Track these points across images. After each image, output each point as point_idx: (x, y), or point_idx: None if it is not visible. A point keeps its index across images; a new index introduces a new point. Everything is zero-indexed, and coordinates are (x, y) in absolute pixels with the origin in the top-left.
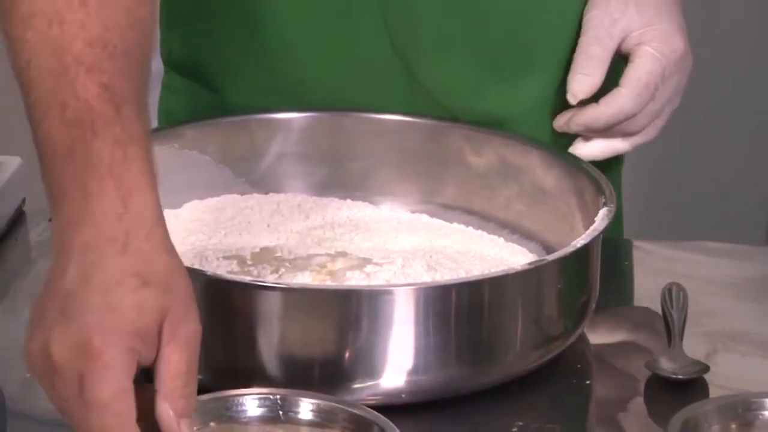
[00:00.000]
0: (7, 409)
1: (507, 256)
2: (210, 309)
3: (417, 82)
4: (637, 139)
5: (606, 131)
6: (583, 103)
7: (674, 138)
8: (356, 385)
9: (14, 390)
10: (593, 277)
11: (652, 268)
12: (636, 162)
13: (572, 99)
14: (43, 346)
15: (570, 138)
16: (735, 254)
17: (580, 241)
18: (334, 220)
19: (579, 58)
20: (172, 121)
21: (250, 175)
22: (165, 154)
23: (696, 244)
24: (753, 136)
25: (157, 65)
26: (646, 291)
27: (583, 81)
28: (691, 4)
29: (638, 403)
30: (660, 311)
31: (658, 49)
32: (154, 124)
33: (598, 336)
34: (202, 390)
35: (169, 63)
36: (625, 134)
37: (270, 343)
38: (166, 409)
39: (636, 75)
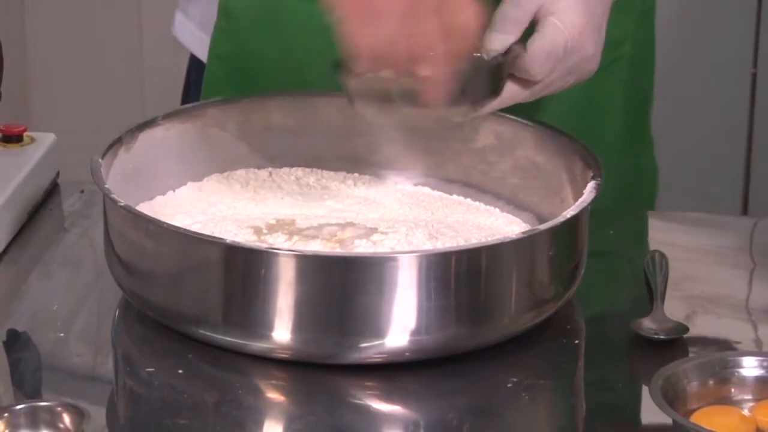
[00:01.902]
0: (42, 365)
1: (502, 226)
2: (229, 274)
3: None
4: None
5: None
6: None
7: (655, 115)
8: (363, 344)
9: (48, 348)
10: (582, 245)
11: (636, 237)
12: None
13: (486, 55)
14: None
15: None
16: (713, 224)
17: (569, 212)
18: (343, 193)
19: (498, 18)
20: (232, 15)
21: (267, 151)
22: (188, 131)
23: (677, 214)
24: (728, 112)
25: None
26: (632, 258)
27: (498, 38)
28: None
29: (623, 361)
30: (643, 277)
31: (561, 20)
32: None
33: (587, 299)
34: (222, 344)
35: None
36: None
37: (284, 305)
38: None
39: (540, 43)
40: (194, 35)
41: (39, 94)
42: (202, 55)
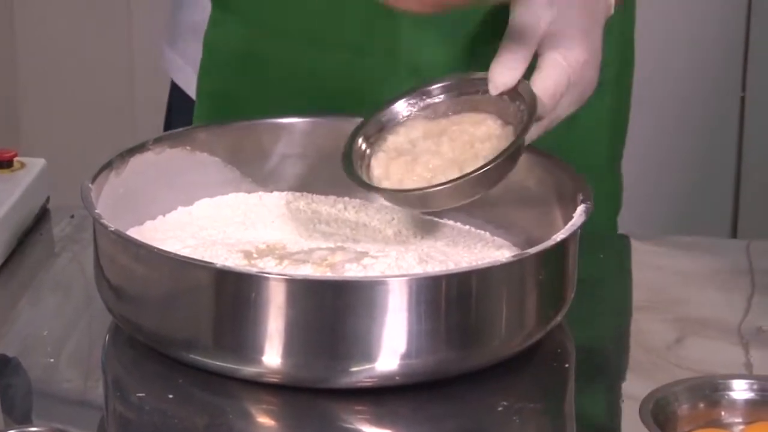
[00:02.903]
0: (32, 390)
1: (492, 250)
2: (219, 298)
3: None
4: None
5: None
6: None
7: (644, 139)
8: (353, 368)
9: (38, 373)
10: (572, 269)
11: (626, 261)
12: None
13: (494, 90)
14: None
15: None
16: (703, 247)
17: (559, 236)
18: (333, 217)
19: (505, 53)
20: (216, 54)
21: (256, 175)
22: (178, 155)
23: (667, 237)
24: (717, 136)
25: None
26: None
27: (506, 75)
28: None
29: (613, 384)
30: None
31: (564, 56)
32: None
33: (577, 322)
34: (213, 369)
35: None
36: None
37: (275, 329)
38: None
39: (544, 84)
40: (182, 70)
41: (29, 119)
42: (189, 89)
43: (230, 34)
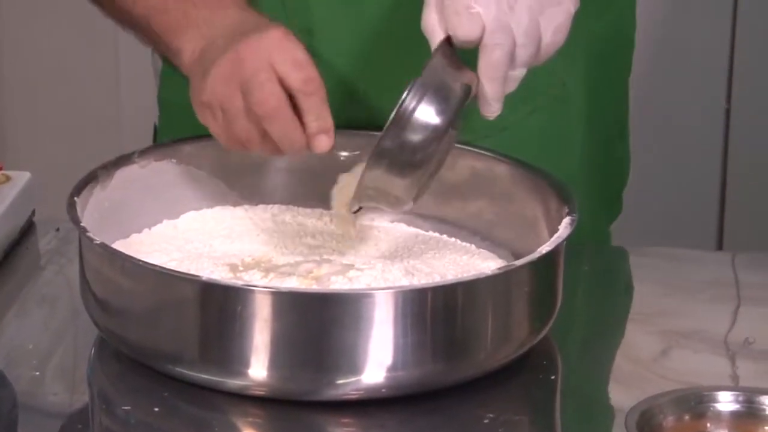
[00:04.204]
0: (18, 403)
1: (478, 262)
2: (205, 311)
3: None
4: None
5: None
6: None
7: (632, 151)
8: (340, 381)
9: (24, 386)
10: (557, 281)
11: (612, 272)
12: None
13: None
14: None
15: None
16: (688, 259)
17: (545, 248)
18: (319, 230)
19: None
20: (170, 110)
21: (242, 188)
22: (164, 168)
23: (652, 249)
24: (702, 148)
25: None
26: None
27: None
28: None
29: (599, 396)
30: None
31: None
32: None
33: (563, 334)
34: (198, 382)
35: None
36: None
37: (261, 342)
38: None
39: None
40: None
41: (14, 132)
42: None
43: (180, 90)
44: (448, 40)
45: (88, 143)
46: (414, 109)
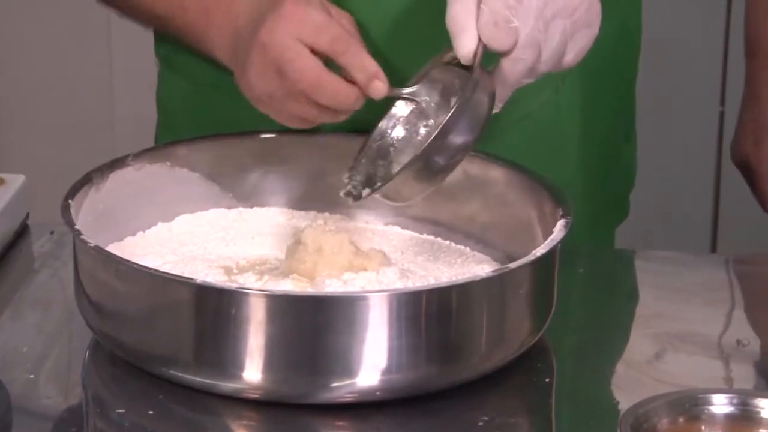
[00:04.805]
0: (12, 406)
1: (473, 265)
2: (200, 314)
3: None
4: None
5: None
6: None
7: None
8: (334, 384)
9: (18, 389)
10: (552, 284)
11: (606, 275)
12: None
13: (466, 61)
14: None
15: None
16: (682, 262)
17: (540, 250)
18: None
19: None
20: (169, 111)
21: (237, 191)
22: (158, 171)
23: (646, 252)
24: (696, 150)
25: None
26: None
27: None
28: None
29: (594, 399)
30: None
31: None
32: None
33: (558, 337)
34: (193, 385)
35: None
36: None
37: (255, 345)
38: None
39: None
40: None
41: (9, 135)
42: None
43: (179, 91)
44: None
45: (82, 146)
46: (455, 126)
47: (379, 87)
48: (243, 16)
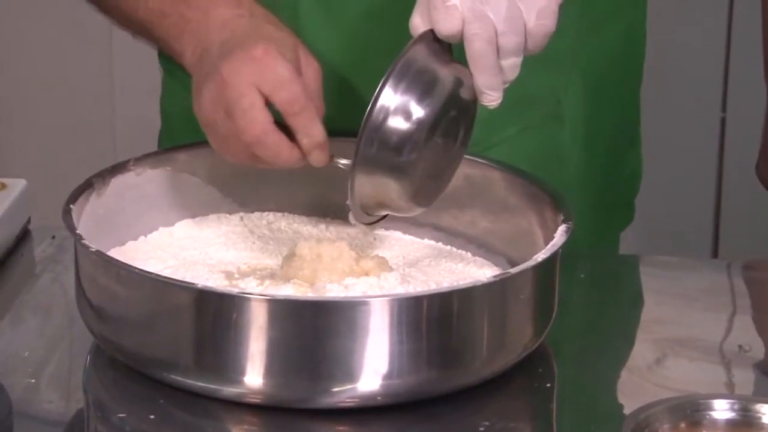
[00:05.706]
0: (13, 411)
1: (474, 270)
2: (201, 319)
3: None
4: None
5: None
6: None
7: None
8: (335, 389)
9: (19, 393)
10: (553, 289)
11: (607, 280)
12: None
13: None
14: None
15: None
16: (684, 267)
17: (541, 256)
18: (315, 237)
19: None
20: (171, 119)
21: (238, 196)
22: (159, 176)
23: (647, 258)
24: (698, 156)
25: None
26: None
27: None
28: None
29: (595, 404)
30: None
31: None
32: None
33: (559, 342)
34: (194, 389)
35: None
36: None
37: (256, 349)
38: None
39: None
40: None
41: (10, 140)
42: None
43: (180, 100)
44: (435, 38)
45: (83, 151)
46: (388, 106)
47: (320, 157)
48: (215, 33)
